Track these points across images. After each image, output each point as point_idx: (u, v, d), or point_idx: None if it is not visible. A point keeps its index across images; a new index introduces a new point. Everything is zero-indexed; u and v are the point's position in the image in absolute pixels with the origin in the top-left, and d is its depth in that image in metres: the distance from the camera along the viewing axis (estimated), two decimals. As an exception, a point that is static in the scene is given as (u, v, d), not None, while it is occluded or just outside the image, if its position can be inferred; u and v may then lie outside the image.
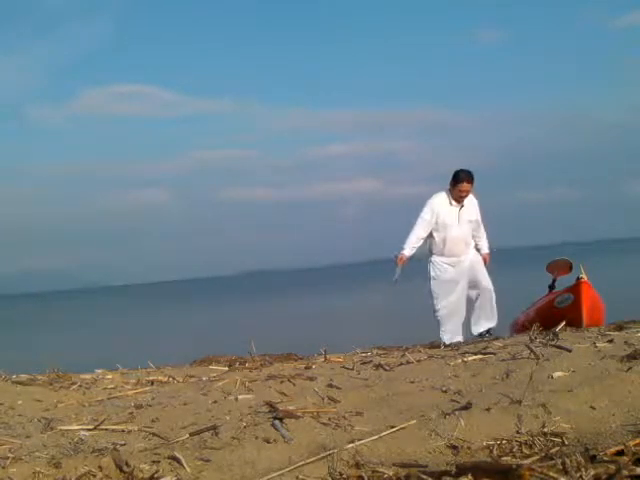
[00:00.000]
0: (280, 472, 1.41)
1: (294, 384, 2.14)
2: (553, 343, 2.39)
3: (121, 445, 1.60)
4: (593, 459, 1.33)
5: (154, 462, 1.47)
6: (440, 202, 5.53)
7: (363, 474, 1.38)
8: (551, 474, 1.23)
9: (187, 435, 1.64)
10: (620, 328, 2.91)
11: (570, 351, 2.23)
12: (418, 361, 2.42)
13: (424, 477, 1.30)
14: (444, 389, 1.92)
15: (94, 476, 1.43)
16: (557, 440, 1.48)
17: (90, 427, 1.77)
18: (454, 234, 5.40)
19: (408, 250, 5.47)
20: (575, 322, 3.67)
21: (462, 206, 5.46)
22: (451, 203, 5.50)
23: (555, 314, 3.97)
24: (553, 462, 1.31)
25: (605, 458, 1.33)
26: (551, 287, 4.91)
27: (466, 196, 5.41)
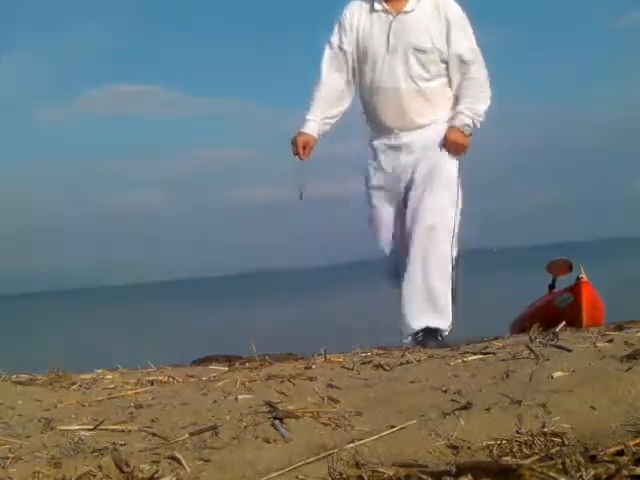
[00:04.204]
0: (280, 472, 1.41)
1: (294, 384, 2.14)
2: (553, 343, 2.39)
3: (121, 445, 1.60)
4: (593, 459, 1.33)
5: (154, 462, 1.47)
6: (359, 7, 2.96)
7: (363, 474, 1.38)
8: (551, 474, 1.23)
9: (187, 435, 1.64)
10: (620, 328, 2.91)
11: (570, 351, 2.23)
12: (418, 361, 2.42)
13: (424, 477, 1.30)
14: (444, 389, 1.92)
15: (94, 476, 1.42)
16: (557, 440, 1.48)
17: (90, 427, 1.77)
18: (381, 74, 2.90)
19: (311, 118, 3.02)
20: (575, 322, 3.67)
21: (401, 13, 2.86)
22: (374, 7, 2.90)
23: (555, 314, 3.97)
24: (553, 462, 1.31)
25: (605, 458, 1.33)
26: (551, 287, 4.91)
27: None
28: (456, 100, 3.05)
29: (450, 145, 2.99)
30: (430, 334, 3.06)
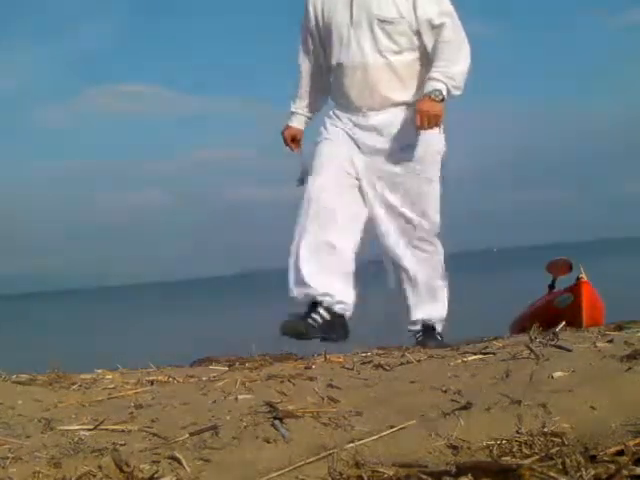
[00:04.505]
0: (280, 472, 1.41)
1: (294, 384, 2.14)
2: (553, 343, 2.40)
3: (121, 445, 1.60)
4: (593, 459, 1.33)
5: (154, 462, 1.47)
6: None
7: (363, 474, 1.38)
8: (551, 474, 1.23)
9: (187, 435, 1.64)
10: (620, 328, 2.91)
11: (570, 351, 2.23)
12: (418, 361, 2.42)
13: (424, 477, 1.30)
14: (444, 389, 1.93)
15: (94, 476, 1.43)
16: (557, 440, 1.48)
17: (90, 427, 1.77)
18: (347, 50, 2.78)
19: (295, 110, 3.04)
20: (575, 322, 3.67)
21: None
22: None
23: (555, 314, 3.96)
24: (553, 462, 1.31)
25: (605, 458, 1.33)
26: (551, 287, 4.91)
27: None
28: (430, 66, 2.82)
29: (422, 116, 2.71)
30: (429, 334, 3.11)
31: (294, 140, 3.14)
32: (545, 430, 1.53)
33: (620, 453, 1.35)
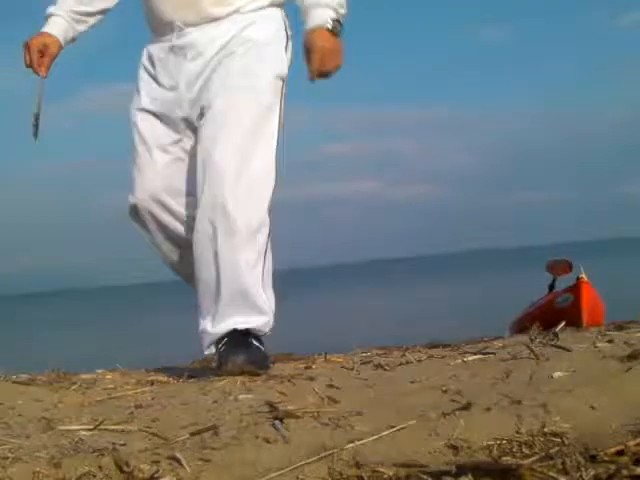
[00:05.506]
0: (280, 472, 1.41)
1: (294, 384, 2.14)
2: (553, 343, 2.40)
3: (121, 445, 1.60)
4: (593, 459, 1.33)
5: (154, 462, 1.47)
6: None
7: (363, 474, 1.38)
8: (551, 474, 1.23)
9: (187, 435, 1.64)
10: (620, 328, 2.91)
11: (570, 351, 2.23)
12: (418, 361, 2.43)
13: (424, 477, 1.30)
14: (444, 389, 1.93)
15: (94, 476, 1.42)
16: (557, 440, 1.48)
17: (90, 427, 1.77)
18: None
19: (56, 12, 2.18)
20: (575, 322, 3.68)
21: None
22: None
23: (555, 314, 3.98)
24: (553, 462, 1.31)
25: (605, 458, 1.33)
26: (551, 287, 4.92)
27: None
28: None
29: (320, 54, 2.04)
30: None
31: (44, 55, 2.15)
32: (545, 430, 1.53)
33: (620, 453, 1.35)
